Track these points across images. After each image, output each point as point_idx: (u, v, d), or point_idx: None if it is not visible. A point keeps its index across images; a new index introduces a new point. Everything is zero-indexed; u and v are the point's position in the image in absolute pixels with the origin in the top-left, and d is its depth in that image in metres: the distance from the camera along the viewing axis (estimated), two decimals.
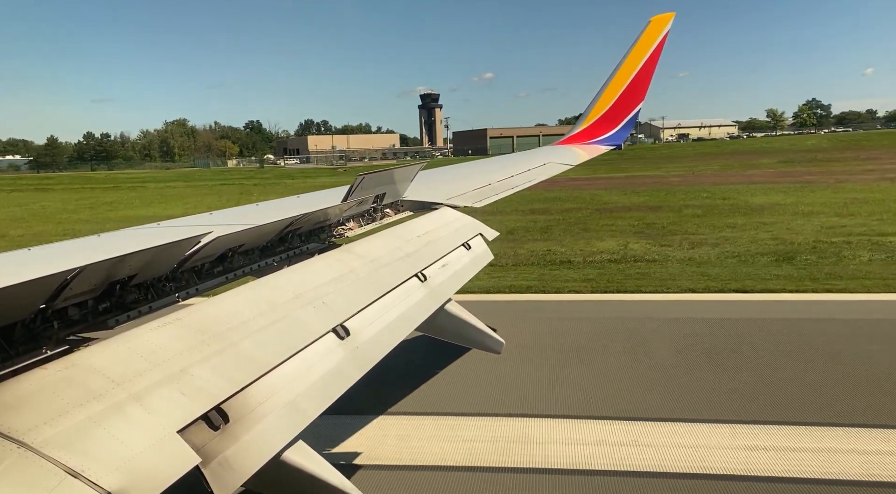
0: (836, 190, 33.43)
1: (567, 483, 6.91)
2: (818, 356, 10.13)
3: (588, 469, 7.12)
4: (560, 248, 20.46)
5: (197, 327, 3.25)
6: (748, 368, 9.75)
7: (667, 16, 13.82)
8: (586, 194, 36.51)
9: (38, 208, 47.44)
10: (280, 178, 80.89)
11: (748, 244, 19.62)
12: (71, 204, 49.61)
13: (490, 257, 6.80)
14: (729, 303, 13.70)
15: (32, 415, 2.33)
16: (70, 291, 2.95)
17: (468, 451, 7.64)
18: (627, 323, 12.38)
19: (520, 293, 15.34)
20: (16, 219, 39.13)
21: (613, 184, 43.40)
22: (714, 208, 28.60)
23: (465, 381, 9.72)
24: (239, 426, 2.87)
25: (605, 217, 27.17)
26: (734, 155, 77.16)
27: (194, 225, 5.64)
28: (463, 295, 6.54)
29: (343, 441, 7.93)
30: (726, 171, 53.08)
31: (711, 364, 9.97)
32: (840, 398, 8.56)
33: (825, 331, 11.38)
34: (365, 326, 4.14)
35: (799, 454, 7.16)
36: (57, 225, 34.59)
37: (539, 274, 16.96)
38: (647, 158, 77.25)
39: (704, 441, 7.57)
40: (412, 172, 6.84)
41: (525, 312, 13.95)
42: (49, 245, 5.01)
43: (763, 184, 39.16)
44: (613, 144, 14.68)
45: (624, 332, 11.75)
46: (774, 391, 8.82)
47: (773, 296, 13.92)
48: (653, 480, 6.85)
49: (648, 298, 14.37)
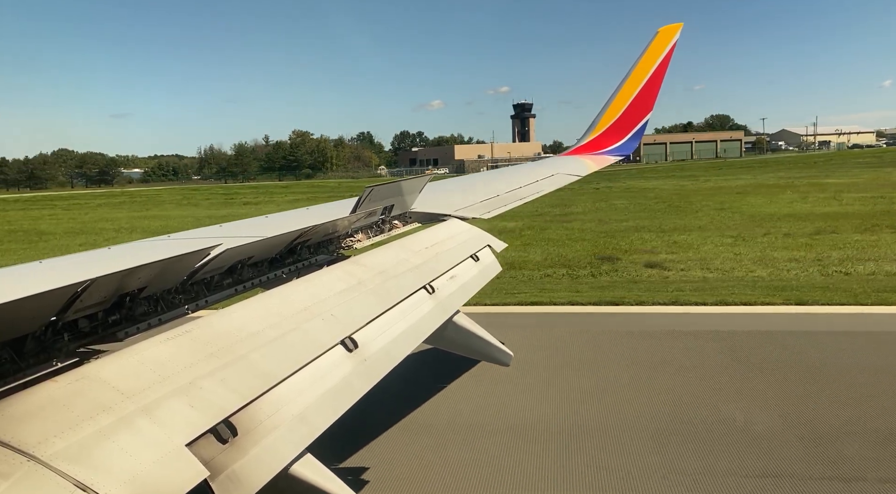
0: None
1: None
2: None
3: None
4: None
5: (206, 339, 3.25)
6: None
7: (674, 26, 13.83)
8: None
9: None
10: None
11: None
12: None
13: (498, 268, 6.78)
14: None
15: (42, 428, 2.33)
16: (80, 303, 2.97)
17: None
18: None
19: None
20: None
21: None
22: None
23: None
24: (247, 440, 2.86)
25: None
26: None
27: (204, 237, 5.67)
28: (471, 307, 6.53)
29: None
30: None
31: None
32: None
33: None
34: (373, 338, 4.14)
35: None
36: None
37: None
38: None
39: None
40: (420, 183, 6.86)
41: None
42: (60, 258, 5.05)
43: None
44: (622, 154, 14.66)
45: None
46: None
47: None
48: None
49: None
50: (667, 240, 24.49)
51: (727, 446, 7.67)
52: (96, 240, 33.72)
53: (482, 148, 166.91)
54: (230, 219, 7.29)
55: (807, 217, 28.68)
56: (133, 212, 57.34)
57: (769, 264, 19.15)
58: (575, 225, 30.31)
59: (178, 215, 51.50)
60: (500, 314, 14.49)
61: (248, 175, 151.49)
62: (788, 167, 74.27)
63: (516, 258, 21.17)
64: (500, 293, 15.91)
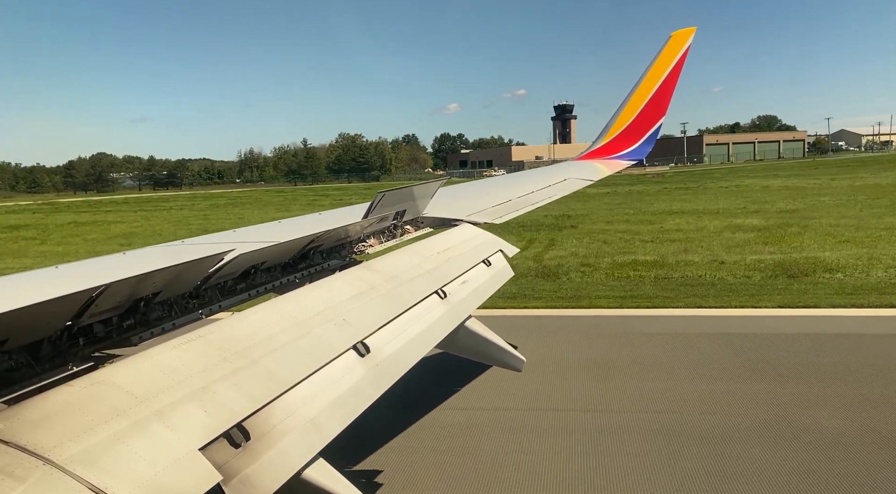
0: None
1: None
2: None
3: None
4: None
5: (219, 343, 3.27)
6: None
7: (687, 31, 13.76)
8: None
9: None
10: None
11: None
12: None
13: (511, 273, 6.77)
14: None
15: (57, 432, 2.35)
16: (95, 308, 3.00)
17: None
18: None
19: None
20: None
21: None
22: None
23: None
24: (260, 444, 2.87)
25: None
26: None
27: (217, 242, 5.70)
28: (483, 311, 6.51)
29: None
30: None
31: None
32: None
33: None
34: (385, 343, 4.14)
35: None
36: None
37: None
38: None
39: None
40: (432, 188, 6.86)
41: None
42: (76, 263, 5.10)
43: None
44: (635, 159, 14.60)
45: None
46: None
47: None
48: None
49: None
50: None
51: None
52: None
53: (539, 149, 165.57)
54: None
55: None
56: (264, 213, 52.13)
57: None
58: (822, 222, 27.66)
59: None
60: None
61: (318, 177, 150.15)
62: (888, 166, 69.91)
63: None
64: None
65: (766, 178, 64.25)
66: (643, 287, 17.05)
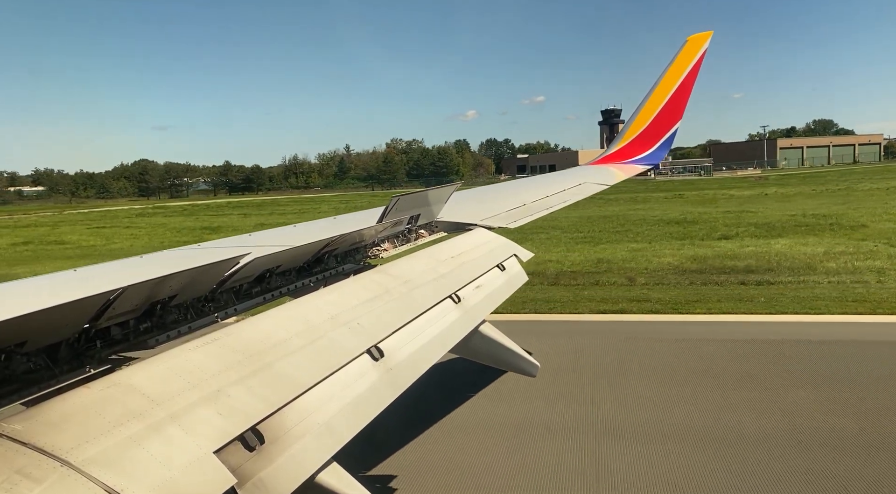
0: None
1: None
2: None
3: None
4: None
5: (234, 347, 3.29)
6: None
7: (704, 35, 13.68)
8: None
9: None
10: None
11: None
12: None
13: (525, 278, 6.74)
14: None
15: (75, 433, 2.37)
16: (113, 311, 3.02)
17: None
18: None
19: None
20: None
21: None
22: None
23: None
24: (274, 448, 2.88)
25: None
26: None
27: (233, 246, 5.74)
28: (497, 315, 6.47)
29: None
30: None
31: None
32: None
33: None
34: (399, 347, 4.13)
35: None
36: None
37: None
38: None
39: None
40: (446, 193, 6.86)
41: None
42: (94, 266, 5.16)
43: None
44: (650, 163, 14.52)
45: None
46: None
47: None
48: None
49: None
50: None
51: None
52: None
53: (592, 154, 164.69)
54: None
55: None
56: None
57: None
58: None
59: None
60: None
61: (397, 182, 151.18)
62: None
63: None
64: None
65: (884, 181, 58.89)
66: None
